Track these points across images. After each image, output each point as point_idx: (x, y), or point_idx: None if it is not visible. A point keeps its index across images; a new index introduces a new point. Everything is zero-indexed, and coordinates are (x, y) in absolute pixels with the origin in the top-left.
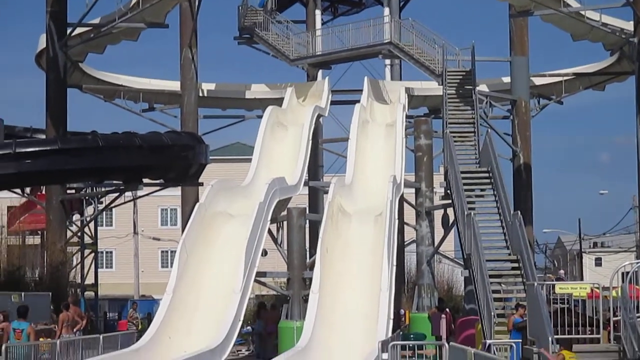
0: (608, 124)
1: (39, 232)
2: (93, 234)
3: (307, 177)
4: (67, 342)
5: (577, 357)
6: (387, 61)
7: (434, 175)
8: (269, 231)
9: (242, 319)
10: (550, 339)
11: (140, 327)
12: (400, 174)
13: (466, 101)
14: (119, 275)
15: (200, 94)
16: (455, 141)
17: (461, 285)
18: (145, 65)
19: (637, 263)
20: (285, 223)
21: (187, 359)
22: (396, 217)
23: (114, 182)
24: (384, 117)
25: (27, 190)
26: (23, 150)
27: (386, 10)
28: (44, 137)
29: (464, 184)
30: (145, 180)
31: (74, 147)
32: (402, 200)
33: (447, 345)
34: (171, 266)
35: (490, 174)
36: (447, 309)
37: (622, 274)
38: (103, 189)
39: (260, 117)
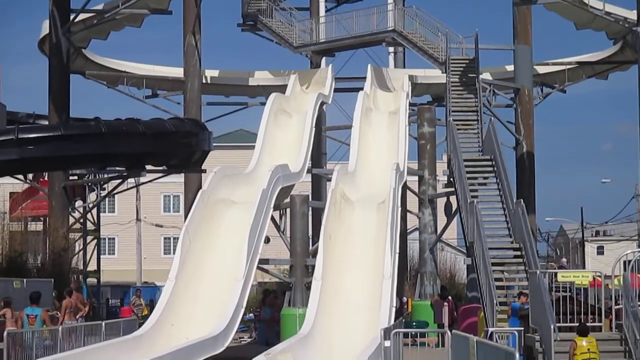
0: (611, 113)
1: (42, 218)
2: (95, 220)
3: (310, 165)
4: (70, 328)
5: (593, 342)
6: (391, 49)
7: (437, 163)
8: (272, 218)
9: (244, 306)
10: (552, 327)
11: (143, 313)
12: (404, 162)
13: (469, 89)
14: (122, 262)
15: (204, 81)
16: (458, 129)
17: (464, 273)
18: (148, 51)
19: (639, 251)
20: (288, 210)
21: (190, 346)
22: (399, 204)
23: (117, 168)
24: (387, 104)
25: (30, 176)
26: (26, 136)
27: None
28: (46, 123)
29: (467, 172)
30: (148, 167)
31: (77, 133)
32: (405, 188)
33: (449, 333)
34: (174, 253)
35: (493, 162)
36: (450, 297)
37: (624, 262)
38: (106, 176)
39: (264, 104)
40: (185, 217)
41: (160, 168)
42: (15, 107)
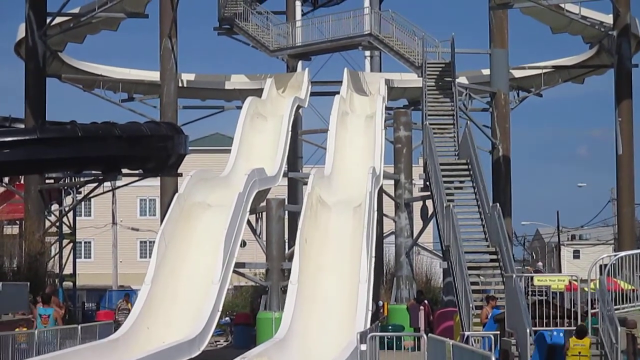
0: (587, 117)
1: (17, 221)
2: (71, 224)
3: (286, 168)
4: (45, 332)
5: (586, 345)
6: (367, 53)
7: (413, 167)
8: (248, 222)
9: (220, 309)
10: (528, 330)
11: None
12: (380, 166)
13: (446, 93)
14: (98, 266)
15: (180, 85)
16: (434, 133)
17: (440, 277)
18: (124, 55)
19: (615, 256)
20: (264, 214)
21: (166, 350)
22: (375, 208)
23: (93, 172)
24: (364, 108)
25: (6, 179)
26: (1, 139)
27: (366, 2)
28: (22, 126)
29: (443, 176)
30: (124, 171)
31: (53, 136)
32: (381, 191)
33: (425, 336)
34: (150, 257)
35: (470, 166)
36: (426, 301)
37: (600, 266)
38: (82, 179)
39: (240, 107)
40: (162, 221)
41: (137, 172)
42: None
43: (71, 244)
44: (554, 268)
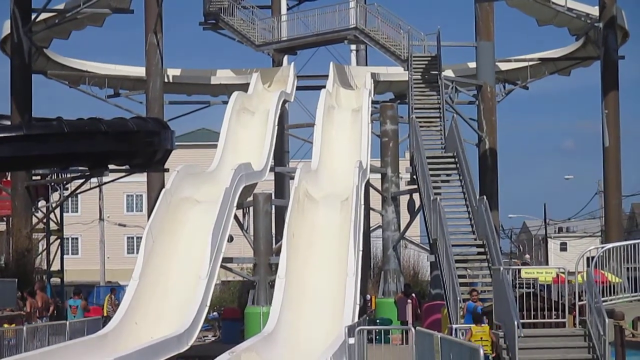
0: (573, 109)
1: (4, 218)
2: (59, 220)
3: (273, 163)
4: (34, 328)
5: (485, 331)
6: (353, 46)
7: (399, 160)
8: (235, 217)
9: (208, 304)
10: (515, 323)
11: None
12: (366, 160)
13: (432, 86)
14: (85, 262)
15: (166, 80)
16: (421, 126)
17: (427, 270)
18: (110, 51)
19: (602, 248)
20: (251, 209)
21: (154, 345)
22: (362, 202)
23: (80, 168)
24: (350, 102)
25: None
26: None
27: None
28: (9, 123)
29: (430, 170)
30: (111, 166)
31: (39, 133)
32: (368, 185)
33: (413, 329)
34: (137, 252)
35: (456, 159)
36: (413, 294)
37: (587, 258)
38: (68, 175)
39: (226, 102)
40: (149, 217)
41: (123, 167)
42: None
43: (58, 240)
44: (541, 260)
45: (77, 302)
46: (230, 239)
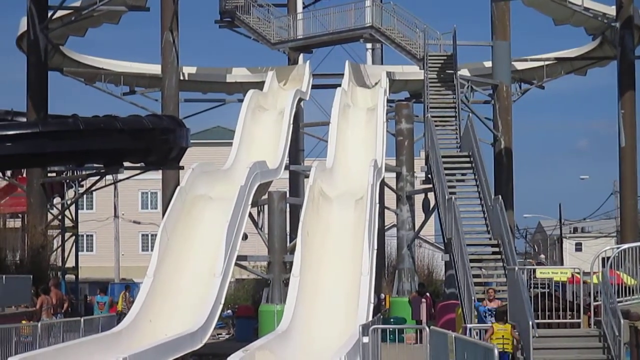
0: (589, 109)
1: (20, 215)
2: (74, 217)
3: (288, 161)
4: (48, 325)
5: (507, 329)
6: (369, 45)
7: (414, 159)
8: (250, 215)
9: (222, 302)
10: (530, 323)
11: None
12: (381, 158)
13: (447, 85)
14: (100, 259)
15: (181, 78)
16: (436, 125)
17: (441, 269)
18: (126, 48)
19: (618, 248)
20: (266, 207)
21: (168, 342)
22: (377, 201)
23: (95, 165)
24: (365, 101)
25: (8, 173)
26: (3, 133)
27: None
28: (24, 120)
29: (445, 169)
30: (126, 164)
31: (55, 130)
32: (382, 184)
33: (427, 329)
34: (152, 250)
35: (471, 159)
36: (428, 293)
37: (603, 259)
38: (84, 172)
39: (241, 100)
40: (163, 214)
41: (138, 165)
42: None
43: (73, 237)
44: (556, 261)
45: (104, 299)
46: (245, 237)
